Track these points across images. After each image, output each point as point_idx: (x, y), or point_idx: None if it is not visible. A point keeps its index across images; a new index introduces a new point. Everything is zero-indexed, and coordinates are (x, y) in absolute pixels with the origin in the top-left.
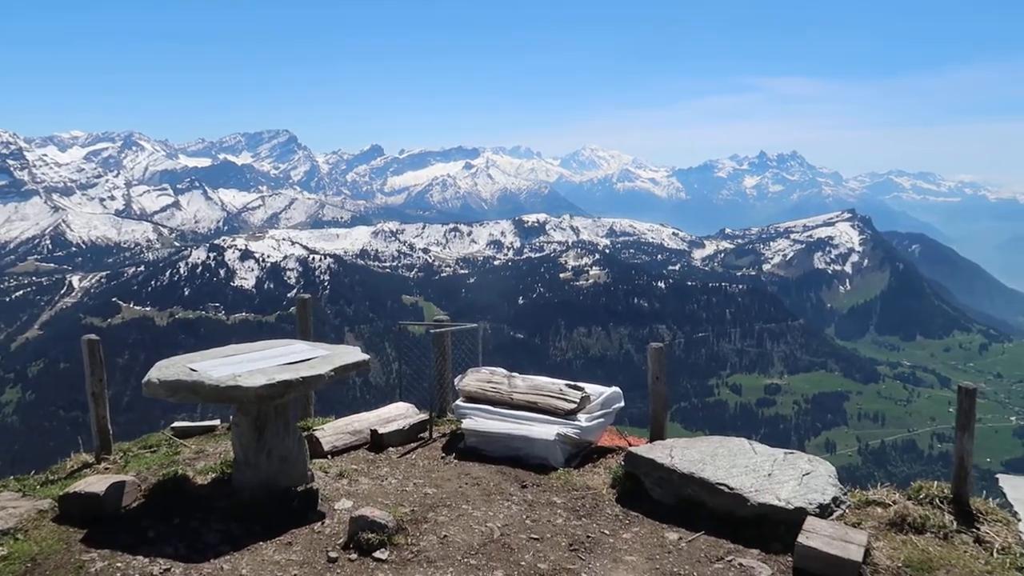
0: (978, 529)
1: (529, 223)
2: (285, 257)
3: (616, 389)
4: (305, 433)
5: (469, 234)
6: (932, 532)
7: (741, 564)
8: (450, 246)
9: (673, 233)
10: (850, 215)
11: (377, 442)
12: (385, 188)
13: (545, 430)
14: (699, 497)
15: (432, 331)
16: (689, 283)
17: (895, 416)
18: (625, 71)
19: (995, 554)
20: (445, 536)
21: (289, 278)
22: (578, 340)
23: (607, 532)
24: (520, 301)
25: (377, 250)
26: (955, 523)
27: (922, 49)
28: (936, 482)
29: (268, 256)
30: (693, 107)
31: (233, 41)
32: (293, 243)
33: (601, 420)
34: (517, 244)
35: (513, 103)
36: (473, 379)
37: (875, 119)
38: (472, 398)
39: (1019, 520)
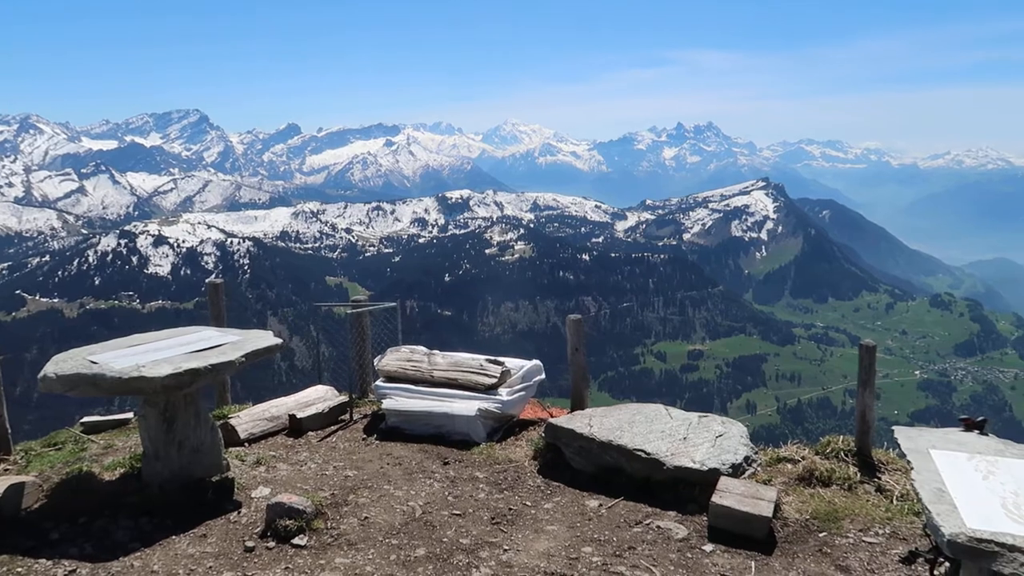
0: (880, 479)
1: (453, 199)
2: (202, 242)
3: (537, 362)
4: (220, 422)
5: (392, 212)
6: (838, 484)
7: (659, 526)
8: (373, 225)
9: (596, 206)
10: (764, 184)
11: (296, 427)
12: (304, 167)
13: (466, 406)
14: (618, 464)
15: (350, 312)
16: (613, 255)
17: (810, 375)
18: (545, 45)
19: (895, 501)
20: (366, 518)
21: (207, 263)
22: (506, 315)
23: (529, 504)
24: (447, 278)
25: (298, 231)
26: (859, 474)
27: (831, 21)
28: (842, 436)
29: (183, 241)
30: (613, 80)
31: (135, 18)
32: (209, 227)
33: (522, 393)
34: (441, 221)
35: (432, 79)
36: (393, 358)
37: (787, 90)
38: (392, 377)
39: (911, 468)
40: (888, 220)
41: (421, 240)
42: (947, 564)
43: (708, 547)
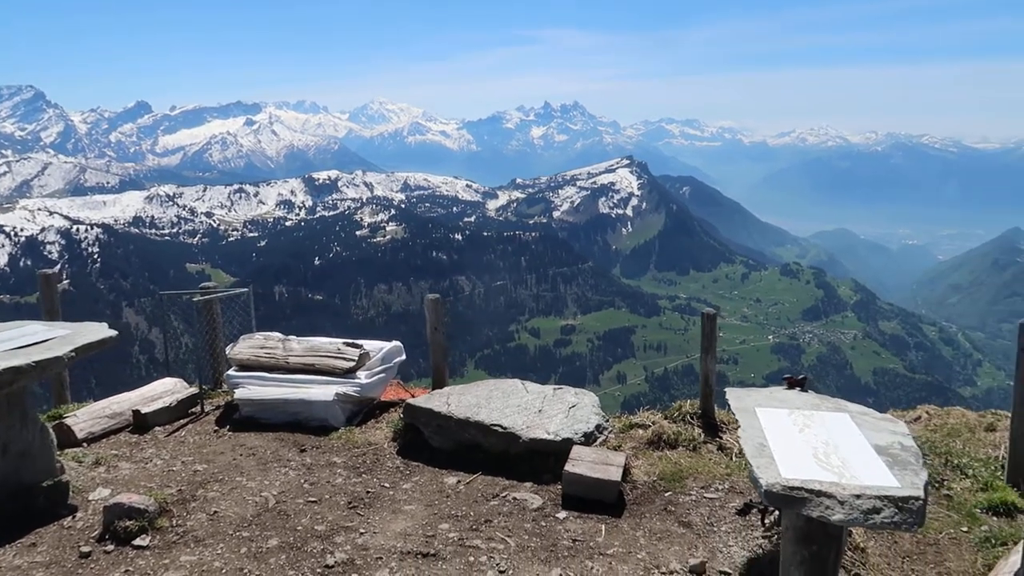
0: (721, 438)
1: (320, 180)
2: (43, 229)
3: (397, 343)
4: (55, 422)
5: (256, 195)
6: (684, 446)
7: (515, 498)
8: (236, 208)
9: (467, 185)
10: (628, 161)
11: (141, 423)
12: (157, 148)
13: (324, 391)
14: (476, 440)
15: (197, 299)
16: (485, 233)
17: (675, 344)
18: (408, 22)
19: (733, 458)
20: (215, 512)
21: (50, 252)
22: (379, 297)
23: (387, 485)
24: (316, 262)
25: (153, 216)
26: (703, 435)
27: (688, 2)
28: (689, 400)
29: (22, 229)
30: (479, 59)
31: None
32: (51, 213)
33: (383, 375)
34: (309, 203)
35: (293, 57)
36: (245, 346)
37: (648, 70)
38: (245, 366)
39: (739, 427)
40: (742, 195)
41: (288, 223)
42: (776, 513)
43: (562, 514)
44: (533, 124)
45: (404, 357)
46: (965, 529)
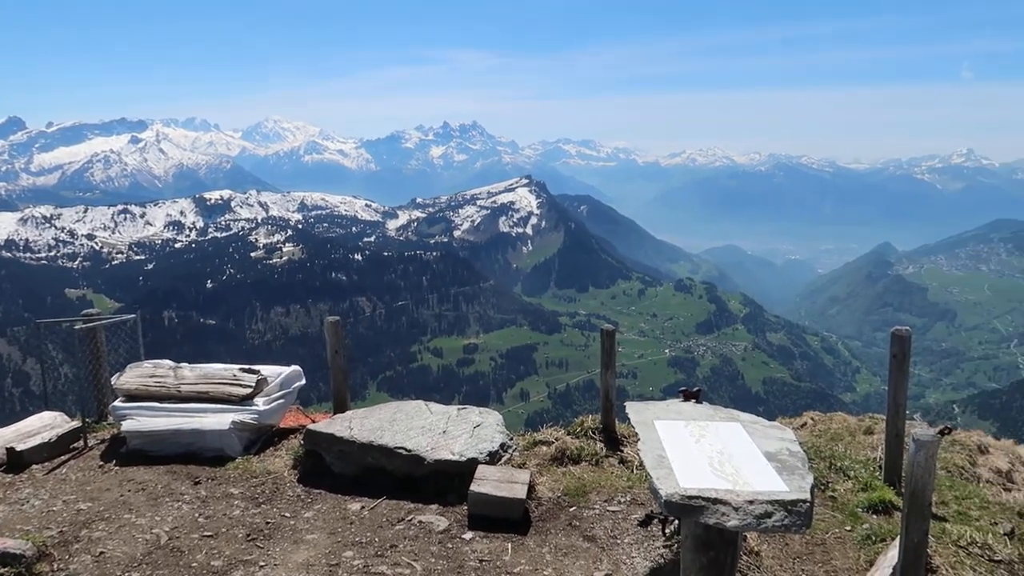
0: (622, 451)
1: (212, 200)
2: None
3: (296, 368)
4: None
5: (143, 215)
6: (587, 460)
7: (420, 521)
8: (120, 230)
9: (366, 204)
10: (527, 181)
11: (16, 461)
12: (32, 167)
13: (218, 420)
14: (380, 463)
15: (79, 327)
16: (385, 253)
17: (576, 360)
18: (303, 39)
19: (635, 470)
20: (102, 553)
21: None
22: (276, 320)
23: (288, 515)
24: (209, 285)
25: (28, 239)
26: (605, 449)
27: (583, 26)
28: (591, 416)
29: None
30: (377, 78)
31: None
32: None
33: (281, 401)
34: (200, 224)
35: (181, 73)
36: (133, 375)
37: (546, 91)
38: (133, 396)
39: (639, 440)
40: (637, 213)
41: (178, 245)
42: (676, 522)
43: (468, 535)
44: (432, 143)
45: (304, 382)
46: (849, 528)
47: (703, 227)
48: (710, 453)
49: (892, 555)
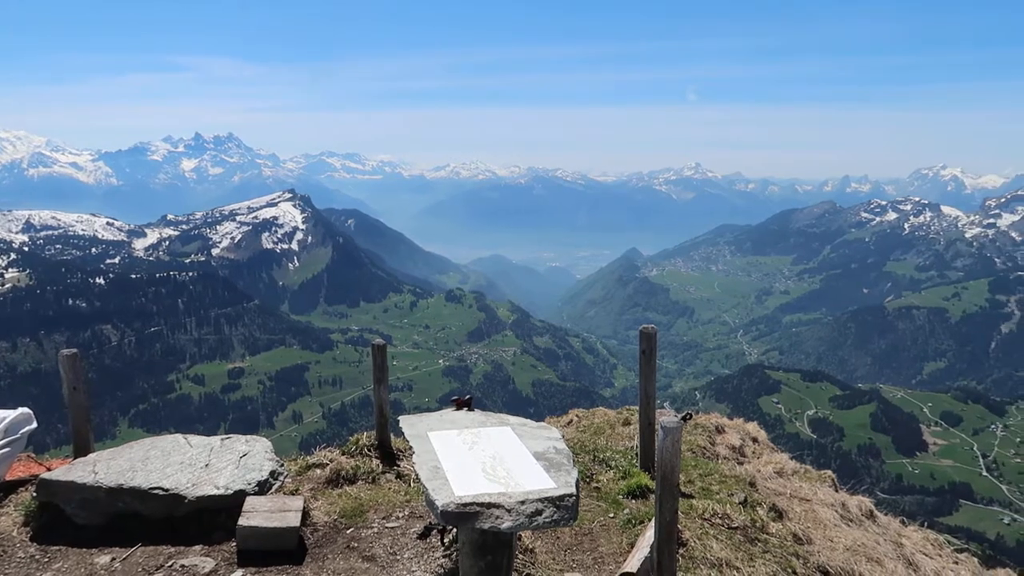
0: (399, 466)
1: None
2: None
3: (24, 411)
4: None
5: None
6: (363, 479)
7: (183, 565)
8: None
9: (108, 223)
10: (291, 195)
11: None
12: None
13: None
14: (133, 508)
15: None
16: (133, 275)
17: (350, 377)
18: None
19: (412, 484)
20: None
21: None
22: (1, 357)
23: None
24: None
25: None
26: (381, 466)
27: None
28: (366, 432)
29: None
30: (115, 84)
31: None
32: None
33: (7, 450)
34: None
35: None
36: None
37: (307, 102)
38: None
39: (414, 453)
40: (405, 226)
41: None
42: (454, 530)
43: (238, 573)
44: (184, 156)
45: (35, 425)
46: (612, 515)
47: (470, 238)
48: (483, 459)
49: (649, 535)
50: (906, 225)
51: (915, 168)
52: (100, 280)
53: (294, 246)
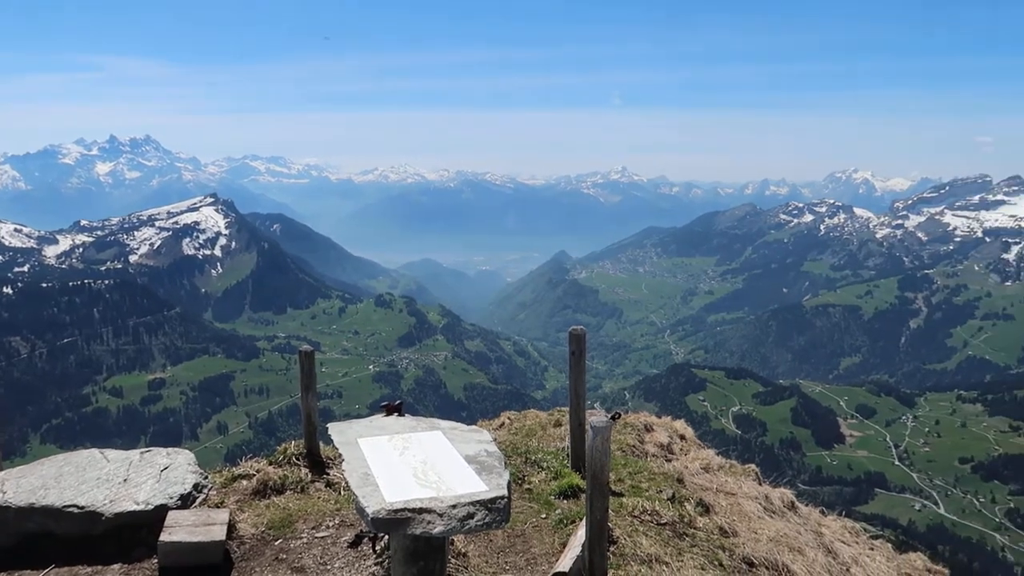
0: (329, 475)
1: None
2: None
3: None
4: None
5: None
6: (292, 489)
7: None
8: None
9: (15, 229)
10: (213, 199)
11: None
12: None
13: None
14: (46, 527)
15: None
16: (44, 284)
17: (278, 385)
18: None
19: (342, 492)
20: None
21: None
22: None
23: None
24: None
25: None
26: (310, 475)
27: (266, 40)
28: (294, 441)
29: None
30: (18, 83)
31: None
32: None
33: None
34: None
35: None
36: None
37: (228, 104)
38: None
39: (343, 460)
40: (333, 230)
41: None
42: (386, 538)
43: None
44: (98, 159)
45: None
46: (544, 516)
47: (400, 242)
48: (414, 464)
49: (580, 534)
50: (822, 227)
51: (829, 171)
52: (8, 289)
53: (217, 252)
